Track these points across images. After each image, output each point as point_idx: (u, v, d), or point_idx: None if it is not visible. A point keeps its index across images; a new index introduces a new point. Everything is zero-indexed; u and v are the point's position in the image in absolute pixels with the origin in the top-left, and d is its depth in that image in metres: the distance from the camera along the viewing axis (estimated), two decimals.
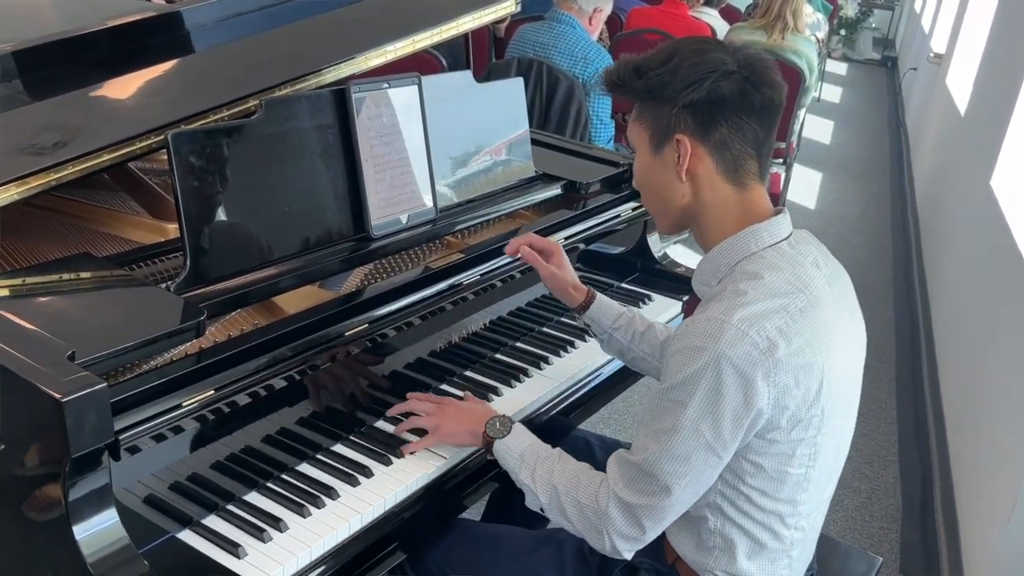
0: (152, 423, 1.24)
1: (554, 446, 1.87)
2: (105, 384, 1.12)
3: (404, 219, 1.77)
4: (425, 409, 1.57)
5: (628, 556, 1.37)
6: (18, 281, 1.46)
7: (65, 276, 1.47)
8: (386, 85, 1.72)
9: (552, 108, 3.65)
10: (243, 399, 1.37)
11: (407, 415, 1.59)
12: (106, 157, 1.54)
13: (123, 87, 1.83)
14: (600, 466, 1.41)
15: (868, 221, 5.71)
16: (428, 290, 1.66)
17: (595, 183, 2.18)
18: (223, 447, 1.39)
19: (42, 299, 1.39)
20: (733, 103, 1.29)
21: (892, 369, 3.82)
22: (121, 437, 1.20)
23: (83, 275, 1.46)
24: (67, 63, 1.86)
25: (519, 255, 1.71)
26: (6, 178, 1.44)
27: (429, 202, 1.82)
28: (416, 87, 1.78)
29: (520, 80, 2.08)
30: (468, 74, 1.95)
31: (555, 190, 2.13)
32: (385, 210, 1.74)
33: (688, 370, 1.22)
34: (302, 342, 1.44)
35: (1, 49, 1.81)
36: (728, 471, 1.30)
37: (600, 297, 1.75)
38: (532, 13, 4.47)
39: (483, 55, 4.84)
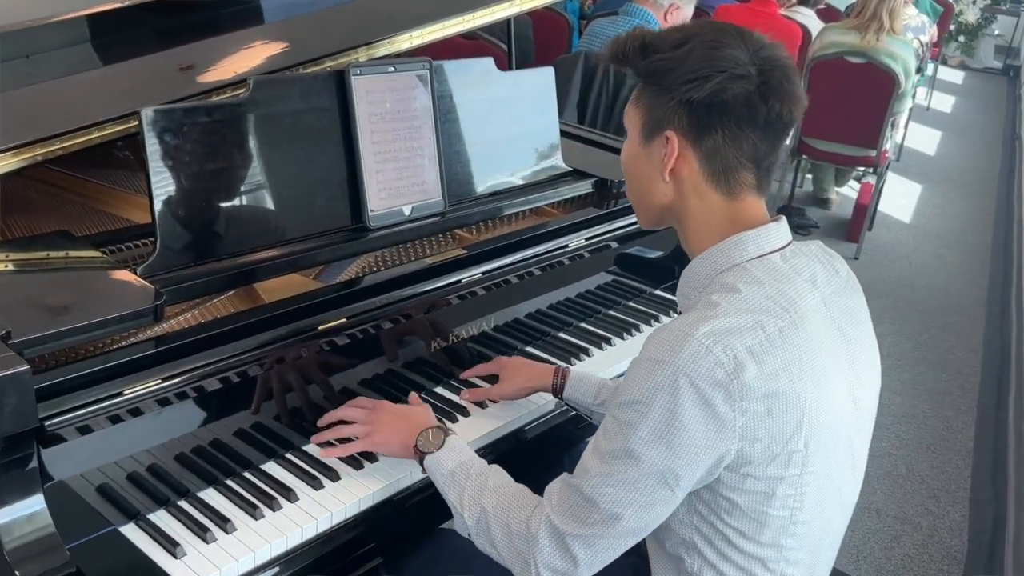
0: (92, 409, 1.19)
1: (561, 456, 1.78)
2: (27, 367, 1.07)
3: (407, 211, 1.68)
4: (356, 416, 1.44)
5: None
6: (2, 256, 1.44)
7: (52, 254, 1.45)
8: (392, 69, 1.64)
9: (617, 105, 3.51)
10: (200, 389, 1.31)
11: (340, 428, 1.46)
12: (96, 134, 1.50)
13: (145, 64, 1.81)
14: None
15: (967, 238, 5.35)
16: (417, 288, 1.57)
17: None
18: (190, 438, 1.33)
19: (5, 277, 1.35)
20: (735, 111, 1.13)
21: (974, 398, 3.54)
22: (55, 422, 1.15)
23: (63, 254, 1.42)
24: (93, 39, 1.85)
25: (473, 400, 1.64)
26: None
27: (437, 194, 1.73)
28: (427, 72, 1.69)
29: (551, 70, 1.97)
30: (489, 61, 1.85)
31: (584, 187, 2.02)
32: (387, 201, 1.66)
33: (643, 386, 1.09)
34: (267, 334, 1.37)
35: (21, 25, 1.81)
36: (703, 505, 1.16)
37: (573, 372, 1.61)
38: (609, 9, 4.33)
39: (561, 48, 4.73)
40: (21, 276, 1.36)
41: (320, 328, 1.42)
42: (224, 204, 1.45)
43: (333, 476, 1.39)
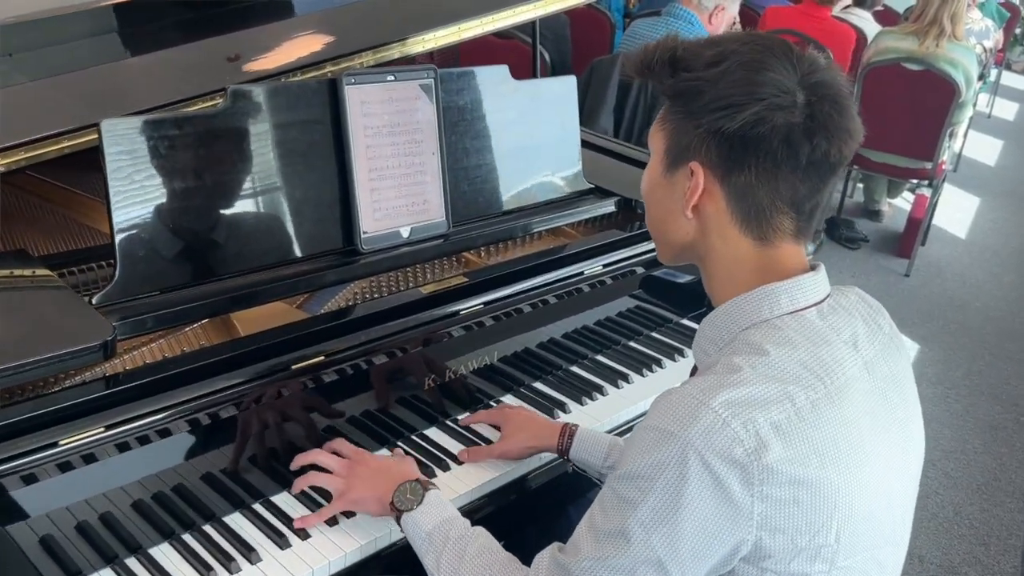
0: (23, 461, 1.06)
1: (567, 508, 1.62)
2: None
3: (406, 232, 1.54)
4: (332, 466, 1.30)
5: None
6: None
7: (16, 272, 1.33)
8: (391, 77, 1.49)
9: (655, 111, 3.33)
10: (165, 432, 1.17)
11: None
12: (66, 143, 1.37)
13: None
14: None
15: None
16: (414, 319, 1.42)
17: None
18: (152, 481, 1.20)
19: None
20: (771, 148, 0.96)
21: None
22: None
23: (21, 275, 1.30)
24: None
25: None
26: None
27: (440, 215, 1.58)
28: (431, 81, 1.54)
29: (572, 79, 1.81)
30: (504, 69, 1.69)
31: (607, 207, 1.85)
32: (382, 222, 1.51)
33: (646, 460, 0.94)
34: (242, 371, 1.23)
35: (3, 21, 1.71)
36: None
37: (581, 431, 1.44)
38: (653, 8, 4.16)
39: (603, 49, 4.55)
40: None
41: (301, 365, 1.28)
42: (196, 226, 1.32)
43: (302, 533, 1.25)
